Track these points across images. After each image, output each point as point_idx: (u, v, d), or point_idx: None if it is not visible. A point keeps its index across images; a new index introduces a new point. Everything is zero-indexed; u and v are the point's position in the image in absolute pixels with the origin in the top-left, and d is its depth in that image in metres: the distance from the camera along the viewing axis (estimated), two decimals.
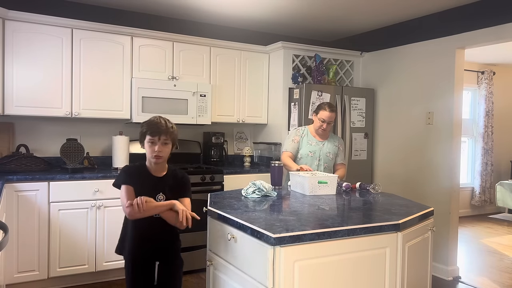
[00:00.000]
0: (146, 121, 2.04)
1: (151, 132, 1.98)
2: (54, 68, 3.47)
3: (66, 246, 3.27)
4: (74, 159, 3.57)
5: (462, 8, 3.68)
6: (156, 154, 1.98)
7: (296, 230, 1.65)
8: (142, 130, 2.02)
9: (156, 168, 2.06)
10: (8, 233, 1.54)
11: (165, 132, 1.99)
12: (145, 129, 2.00)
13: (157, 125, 1.98)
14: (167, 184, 2.06)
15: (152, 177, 2.05)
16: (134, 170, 2.05)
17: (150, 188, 2.00)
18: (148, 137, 1.98)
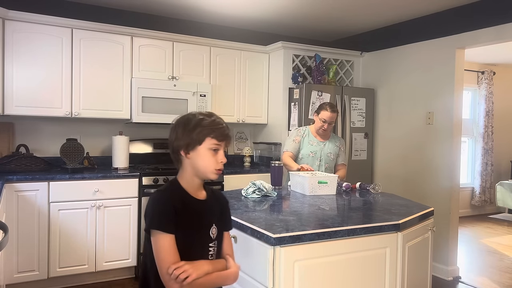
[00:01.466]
0: (200, 118, 1.40)
1: (218, 135, 1.40)
2: (54, 68, 3.47)
3: (66, 246, 3.27)
4: (74, 159, 3.57)
5: (462, 8, 3.68)
6: (221, 168, 1.42)
7: (296, 230, 1.65)
8: (199, 131, 1.38)
9: (199, 187, 1.46)
10: (8, 233, 1.53)
11: (229, 136, 1.45)
12: (207, 130, 1.39)
13: (223, 125, 1.43)
14: (213, 209, 1.48)
15: (197, 202, 1.43)
16: (174, 201, 1.35)
17: (199, 222, 1.41)
18: (213, 141, 1.39)
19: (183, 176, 1.43)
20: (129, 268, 3.58)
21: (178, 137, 1.40)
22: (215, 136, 1.39)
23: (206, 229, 1.42)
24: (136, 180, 3.52)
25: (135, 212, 3.51)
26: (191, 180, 1.43)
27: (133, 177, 3.51)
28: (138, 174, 3.53)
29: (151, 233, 1.33)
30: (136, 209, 3.51)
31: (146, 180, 3.53)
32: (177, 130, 1.40)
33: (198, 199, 1.44)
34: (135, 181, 3.51)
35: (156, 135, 4.25)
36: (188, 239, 1.36)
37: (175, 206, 1.34)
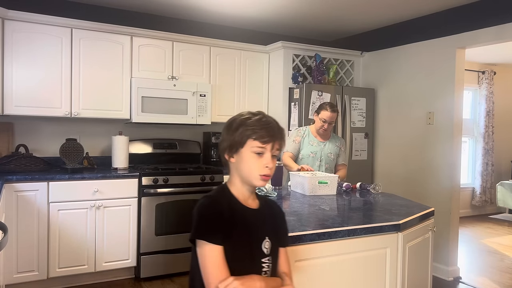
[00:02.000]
0: (244, 118, 1.28)
1: (261, 137, 1.25)
2: (54, 68, 3.46)
3: (65, 246, 3.27)
4: (73, 159, 3.56)
5: (462, 8, 3.68)
6: (267, 173, 1.26)
7: (296, 231, 1.64)
8: (241, 131, 1.26)
9: (250, 194, 1.33)
10: (7, 233, 1.53)
11: (279, 136, 1.29)
12: (250, 131, 1.25)
13: (269, 125, 1.27)
14: (267, 221, 1.35)
15: (248, 212, 1.30)
16: (223, 209, 1.24)
17: (250, 233, 1.28)
18: (256, 143, 1.25)
19: (232, 182, 1.31)
20: (129, 268, 3.57)
21: (223, 138, 1.30)
22: (258, 138, 1.24)
23: (258, 242, 1.28)
24: (136, 180, 3.51)
25: (134, 212, 3.50)
26: (241, 186, 1.30)
27: (132, 177, 3.50)
28: (138, 174, 3.52)
29: (196, 244, 1.21)
30: (135, 209, 3.51)
31: (145, 180, 3.53)
32: (223, 131, 1.31)
33: (250, 208, 1.30)
34: (134, 181, 3.51)
35: (156, 135, 4.24)
36: (237, 252, 1.22)
37: (224, 214, 1.21)
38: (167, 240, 3.62)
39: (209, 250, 1.18)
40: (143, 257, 3.52)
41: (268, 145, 1.26)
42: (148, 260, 3.54)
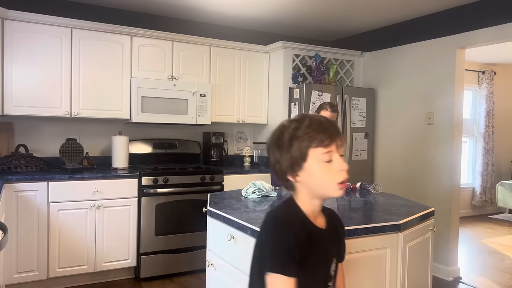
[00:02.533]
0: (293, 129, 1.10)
1: (322, 140, 1.08)
2: (54, 67, 3.46)
3: (65, 246, 3.26)
4: (73, 159, 3.56)
5: (462, 8, 3.68)
6: (344, 178, 1.09)
7: None
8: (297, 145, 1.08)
9: (319, 210, 1.18)
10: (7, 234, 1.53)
11: (337, 132, 1.12)
12: (307, 140, 1.08)
13: (323, 126, 1.10)
14: (333, 238, 1.21)
15: (320, 233, 1.14)
16: (299, 233, 1.06)
17: (323, 256, 1.15)
18: (319, 150, 1.08)
19: (300, 199, 1.13)
20: (129, 268, 3.57)
21: (277, 159, 1.11)
22: (319, 144, 1.07)
23: (328, 265, 1.16)
24: (136, 180, 3.51)
25: (134, 212, 3.50)
26: (310, 202, 1.13)
27: (132, 177, 3.50)
28: (138, 174, 3.52)
29: (266, 275, 1.03)
30: (135, 209, 3.51)
31: (145, 180, 3.52)
32: (273, 152, 1.12)
33: (321, 229, 1.14)
34: (134, 181, 3.50)
35: (156, 135, 4.24)
36: (310, 279, 1.08)
37: (300, 240, 1.04)
38: (167, 240, 3.61)
39: (283, 284, 1.02)
40: (143, 257, 3.52)
41: (332, 147, 1.08)
42: (148, 260, 3.54)
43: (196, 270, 3.72)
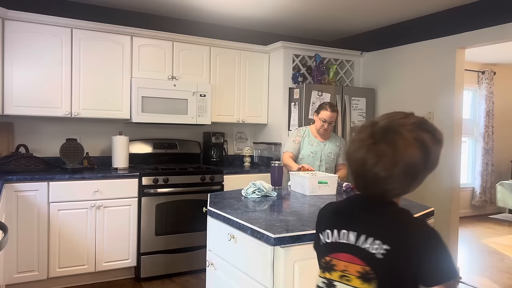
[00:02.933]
0: (438, 136, 1.08)
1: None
2: (54, 68, 3.47)
3: (65, 246, 3.27)
4: (73, 159, 3.56)
5: (462, 8, 3.68)
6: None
7: (296, 231, 1.64)
8: (437, 152, 1.08)
9: None
10: (7, 233, 1.53)
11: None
12: (442, 147, 1.07)
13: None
14: None
15: None
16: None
17: None
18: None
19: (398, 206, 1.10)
20: (129, 268, 3.57)
21: (431, 152, 1.05)
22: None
23: None
24: (136, 180, 3.51)
25: (135, 212, 3.50)
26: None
27: (133, 177, 3.50)
28: (138, 174, 3.52)
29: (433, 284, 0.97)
30: (136, 209, 3.51)
31: (146, 180, 3.53)
32: (424, 147, 1.04)
33: None
34: (135, 181, 3.51)
35: (156, 135, 4.24)
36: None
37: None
38: (167, 240, 3.62)
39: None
40: (143, 257, 3.52)
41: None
42: (148, 260, 3.54)
43: (196, 270, 3.72)
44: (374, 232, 1.03)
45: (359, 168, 1.05)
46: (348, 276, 1.03)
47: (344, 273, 1.04)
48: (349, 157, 1.11)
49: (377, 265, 1.00)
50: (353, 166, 1.08)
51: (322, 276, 1.10)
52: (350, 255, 1.04)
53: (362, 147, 1.07)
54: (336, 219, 1.11)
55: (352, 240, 1.05)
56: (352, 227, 1.06)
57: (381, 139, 1.04)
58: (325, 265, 1.10)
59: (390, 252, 0.99)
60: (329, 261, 1.08)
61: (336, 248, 1.07)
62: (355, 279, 1.02)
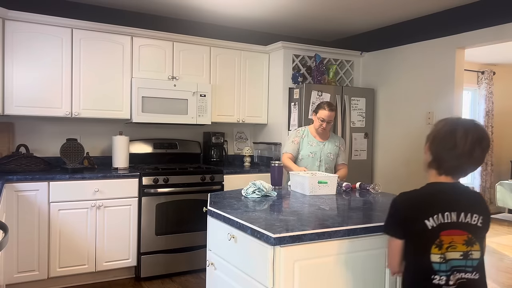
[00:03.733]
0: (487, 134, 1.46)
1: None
2: (54, 68, 3.47)
3: (66, 246, 3.27)
4: (74, 159, 3.57)
5: (462, 8, 3.69)
6: None
7: (296, 230, 1.65)
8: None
9: None
10: (8, 233, 1.54)
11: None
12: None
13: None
14: None
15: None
16: None
17: None
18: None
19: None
20: (129, 268, 3.58)
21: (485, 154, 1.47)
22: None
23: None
24: (136, 180, 3.52)
25: (135, 212, 3.51)
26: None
27: (133, 177, 3.51)
28: (138, 174, 3.53)
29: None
30: (136, 209, 3.51)
31: (146, 180, 3.53)
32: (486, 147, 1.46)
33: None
34: (135, 181, 3.51)
35: (156, 135, 4.25)
36: None
37: None
38: (167, 240, 3.62)
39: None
40: (144, 256, 3.53)
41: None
42: (148, 259, 3.55)
43: (196, 269, 3.73)
44: (471, 209, 1.43)
45: (467, 161, 1.44)
46: (455, 245, 1.39)
47: (451, 244, 1.39)
48: (460, 153, 1.44)
49: (477, 232, 1.42)
50: (462, 159, 1.44)
51: (437, 253, 1.40)
52: (455, 230, 1.40)
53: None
54: (439, 204, 1.44)
55: (454, 218, 1.41)
56: (452, 208, 1.42)
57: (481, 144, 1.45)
58: (438, 243, 1.40)
59: (484, 220, 1.43)
60: (441, 240, 1.40)
61: (443, 228, 1.40)
62: (461, 246, 1.40)
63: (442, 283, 1.38)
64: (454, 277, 1.38)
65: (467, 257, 1.40)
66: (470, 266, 1.39)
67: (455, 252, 1.40)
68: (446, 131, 1.51)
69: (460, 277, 1.38)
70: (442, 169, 1.51)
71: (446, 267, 1.39)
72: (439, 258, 1.40)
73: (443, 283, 1.38)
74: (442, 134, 1.53)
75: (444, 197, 1.46)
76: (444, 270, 1.39)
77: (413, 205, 1.46)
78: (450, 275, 1.38)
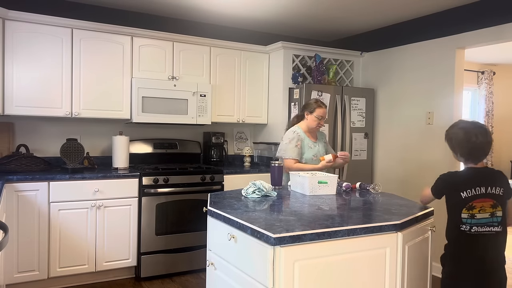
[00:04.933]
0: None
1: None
2: (54, 68, 3.47)
3: (66, 246, 3.27)
4: (74, 159, 3.57)
5: (462, 8, 3.69)
6: None
7: (296, 230, 1.65)
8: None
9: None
10: (8, 233, 1.54)
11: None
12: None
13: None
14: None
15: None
16: None
17: None
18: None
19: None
20: (129, 268, 3.58)
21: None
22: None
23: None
24: (136, 180, 3.52)
25: (135, 212, 3.51)
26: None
27: (133, 177, 3.51)
28: (138, 174, 3.53)
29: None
30: (136, 209, 3.52)
31: (146, 180, 3.53)
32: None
33: None
34: (135, 181, 3.51)
35: (156, 135, 4.25)
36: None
37: None
38: (167, 240, 3.63)
39: None
40: (144, 256, 3.53)
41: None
42: (148, 259, 3.55)
43: (196, 269, 3.73)
44: (495, 183, 2.07)
45: (483, 150, 2.10)
46: (485, 208, 2.04)
47: (481, 208, 2.03)
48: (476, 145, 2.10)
49: (500, 199, 2.06)
50: (479, 150, 2.10)
51: (465, 213, 2.04)
52: (484, 198, 2.04)
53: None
54: (471, 182, 2.06)
55: (483, 191, 2.05)
56: (481, 184, 2.05)
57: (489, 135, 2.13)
58: (468, 207, 2.03)
59: (504, 190, 2.08)
60: (471, 205, 2.03)
61: (475, 197, 2.04)
62: (489, 208, 2.04)
63: (465, 229, 2.04)
64: (477, 228, 2.03)
65: (493, 215, 2.04)
66: (496, 222, 2.04)
67: (485, 213, 2.04)
68: (460, 134, 2.14)
69: (489, 230, 2.03)
70: (468, 159, 2.15)
71: (471, 222, 2.03)
72: (467, 215, 2.04)
73: (466, 229, 2.04)
74: (460, 136, 2.13)
75: (475, 177, 2.09)
76: (469, 223, 2.03)
77: (454, 182, 2.12)
78: (473, 226, 2.03)
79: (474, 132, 2.08)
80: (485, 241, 2.03)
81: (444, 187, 2.16)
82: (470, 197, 2.04)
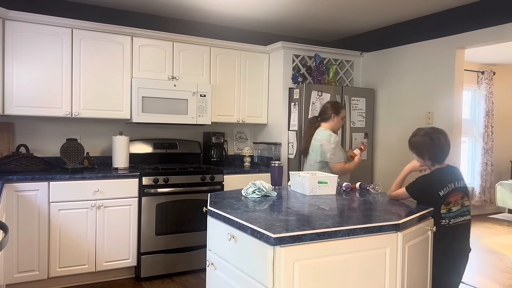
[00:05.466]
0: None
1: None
2: (54, 68, 3.47)
3: (66, 246, 3.27)
4: (74, 159, 3.57)
5: (462, 8, 3.69)
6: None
7: (296, 230, 1.65)
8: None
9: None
10: (8, 233, 1.54)
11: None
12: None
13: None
14: None
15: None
16: None
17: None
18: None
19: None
20: (129, 268, 3.58)
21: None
22: None
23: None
24: (136, 180, 3.52)
25: (135, 212, 3.51)
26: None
27: (133, 177, 3.51)
28: (138, 174, 3.53)
29: None
30: (136, 209, 3.52)
31: (146, 180, 3.53)
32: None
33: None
34: (135, 181, 3.52)
35: (156, 135, 4.25)
36: None
37: None
38: (167, 240, 3.63)
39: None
40: (144, 256, 3.53)
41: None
42: (148, 259, 3.55)
43: (196, 269, 3.73)
44: (459, 177, 2.37)
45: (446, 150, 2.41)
46: (458, 201, 2.30)
47: (455, 202, 2.29)
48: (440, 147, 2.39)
49: (465, 190, 2.35)
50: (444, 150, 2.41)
51: (444, 208, 2.27)
52: (456, 192, 2.30)
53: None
54: (444, 181, 2.30)
55: (453, 186, 2.30)
56: (451, 181, 2.32)
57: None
58: (446, 203, 2.27)
59: (465, 182, 2.39)
60: (448, 200, 2.27)
61: (449, 193, 2.27)
62: (460, 200, 2.30)
63: (445, 223, 2.27)
64: (454, 220, 2.28)
65: (463, 205, 2.32)
66: (467, 211, 2.33)
67: (458, 206, 2.30)
68: (426, 140, 2.37)
69: (463, 219, 2.31)
70: (435, 161, 2.40)
71: (449, 215, 2.27)
72: (445, 210, 2.27)
73: (446, 223, 2.27)
74: (426, 142, 2.37)
75: (445, 176, 2.34)
76: (447, 217, 2.27)
77: (431, 184, 2.32)
78: (451, 219, 2.27)
79: (437, 136, 2.35)
80: (463, 230, 2.33)
81: (424, 190, 2.33)
82: (446, 194, 2.27)
